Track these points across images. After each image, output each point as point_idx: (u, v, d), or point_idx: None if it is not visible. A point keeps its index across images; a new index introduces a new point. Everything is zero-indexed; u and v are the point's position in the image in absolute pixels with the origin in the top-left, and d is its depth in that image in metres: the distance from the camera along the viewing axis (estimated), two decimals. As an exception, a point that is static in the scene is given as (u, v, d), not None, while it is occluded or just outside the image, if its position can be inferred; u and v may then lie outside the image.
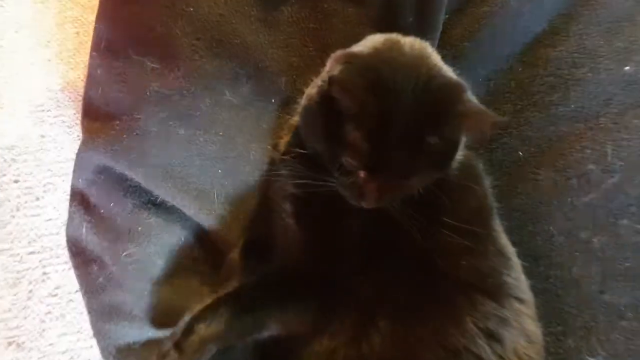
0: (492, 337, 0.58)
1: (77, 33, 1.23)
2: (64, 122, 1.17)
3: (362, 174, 0.54)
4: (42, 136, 1.15)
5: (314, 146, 0.58)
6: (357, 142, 0.52)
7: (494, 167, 0.72)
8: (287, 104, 0.74)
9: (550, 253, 0.68)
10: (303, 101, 0.61)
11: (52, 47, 1.22)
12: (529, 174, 0.71)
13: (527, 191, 0.70)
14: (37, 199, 1.12)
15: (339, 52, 0.56)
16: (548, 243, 0.68)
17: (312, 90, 0.60)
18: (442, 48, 0.74)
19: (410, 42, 0.59)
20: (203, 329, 0.59)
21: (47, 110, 1.18)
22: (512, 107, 0.72)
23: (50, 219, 1.10)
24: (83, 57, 1.19)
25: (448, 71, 0.59)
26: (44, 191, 1.12)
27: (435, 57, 0.59)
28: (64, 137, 1.17)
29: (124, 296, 0.73)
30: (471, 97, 0.54)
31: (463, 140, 0.59)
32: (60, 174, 1.14)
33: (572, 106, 0.68)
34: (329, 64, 0.57)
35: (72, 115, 1.17)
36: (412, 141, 0.52)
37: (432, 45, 0.73)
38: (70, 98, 1.19)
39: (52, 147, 1.15)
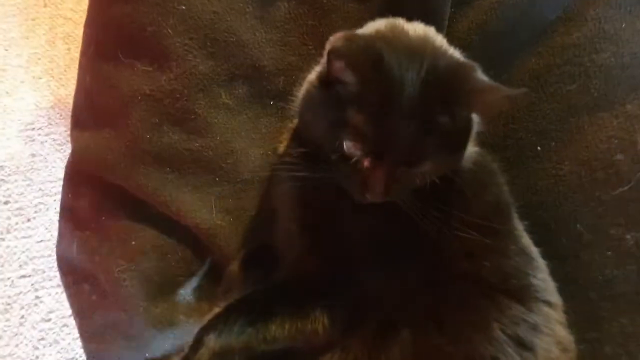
0: (523, 345, 0.53)
1: (69, 49, 1.20)
2: (54, 140, 1.13)
3: (366, 161, 0.49)
4: (33, 155, 1.12)
5: (314, 138, 0.53)
6: (359, 125, 0.47)
7: (511, 165, 0.67)
8: (286, 107, 0.70)
9: (578, 253, 0.63)
10: (302, 89, 0.57)
11: (42, 64, 1.19)
12: (549, 169, 0.66)
13: (549, 188, 0.65)
14: (28, 220, 1.07)
15: (338, 34, 0.51)
16: (575, 242, 0.63)
17: (311, 76, 0.56)
18: (449, 43, 0.70)
19: (414, 26, 0.55)
20: (213, 341, 0.55)
21: (38, 129, 1.14)
22: (527, 101, 0.68)
23: (42, 240, 1.06)
24: (74, 73, 1.15)
25: (455, 53, 0.54)
26: (35, 212, 1.08)
27: (441, 40, 0.55)
28: (55, 156, 1.13)
29: (118, 315, 0.68)
30: (482, 75, 0.50)
31: (476, 124, 0.54)
32: (51, 193, 1.10)
33: (595, 94, 0.63)
34: (328, 45, 0.52)
35: (63, 133, 1.14)
36: (421, 122, 0.47)
37: None
38: (61, 115, 1.15)
39: (42, 166, 1.11)
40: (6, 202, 1.08)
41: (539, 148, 0.66)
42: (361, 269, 0.55)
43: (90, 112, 0.72)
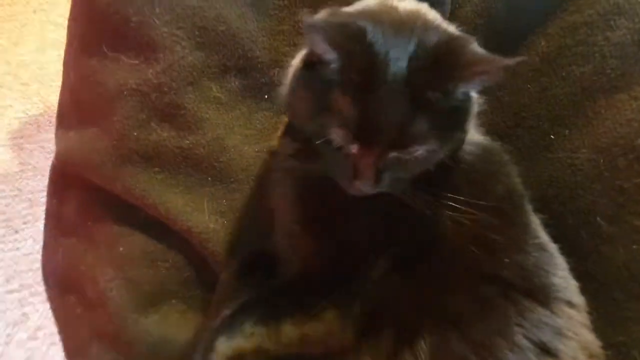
0: (547, 351, 0.48)
1: (59, 55, 1.16)
2: (43, 148, 1.09)
3: (354, 147, 0.44)
4: (21, 164, 1.08)
5: (301, 127, 0.48)
6: (344, 109, 0.43)
7: (523, 155, 0.63)
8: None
9: (599, 248, 0.58)
10: (287, 75, 0.52)
11: (31, 70, 1.16)
12: (564, 159, 0.61)
13: (565, 179, 0.61)
14: (16, 232, 1.03)
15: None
16: (596, 236, 0.58)
17: (295, 60, 0.52)
18: None
19: (405, 2, 0.50)
20: (224, 345, 0.50)
21: (27, 137, 1.11)
22: (538, 86, 0.63)
23: (29, 253, 1.01)
24: (65, 80, 1.14)
25: (450, 27, 0.50)
26: (24, 223, 1.03)
27: (435, 15, 0.51)
28: (45, 164, 1.09)
29: (104, 327, 0.63)
30: (477, 48, 0.45)
31: (476, 104, 0.50)
32: (40, 203, 1.04)
33: (611, 75, 0.59)
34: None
35: (52, 141, 1.10)
36: (410, 101, 0.42)
37: None
38: (50, 122, 1.12)
39: (31, 176, 1.07)
40: None
41: (552, 136, 0.62)
42: (372, 269, 0.50)
43: (75, 110, 0.68)
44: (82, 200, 0.68)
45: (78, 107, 0.67)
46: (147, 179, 0.63)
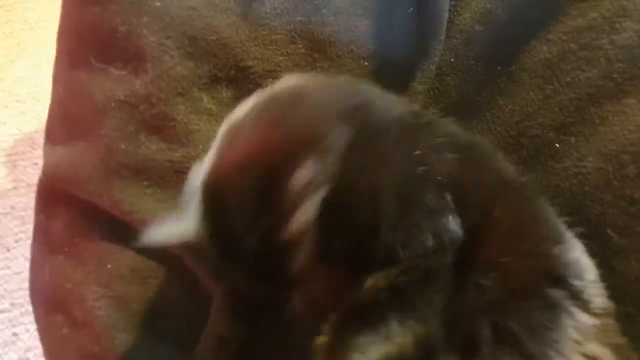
0: None
1: None
2: (37, 165, 1.08)
3: None
4: (15, 181, 1.07)
5: None
6: None
7: (526, 165, 0.60)
8: None
9: (610, 261, 0.55)
10: None
11: (27, 87, 1.16)
12: (570, 168, 0.58)
13: (571, 188, 0.58)
14: (8, 250, 1.01)
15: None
16: (606, 249, 0.55)
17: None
18: (452, 37, 0.65)
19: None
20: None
21: (21, 153, 1.10)
22: (541, 93, 0.61)
23: (20, 272, 1.00)
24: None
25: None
26: (15, 241, 1.02)
27: None
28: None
29: (91, 348, 0.60)
30: None
31: None
32: (32, 221, 1.04)
33: (618, 80, 0.56)
34: None
35: None
36: None
37: (438, 35, 0.65)
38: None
39: (24, 193, 1.06)
40: None
41: (557, 145, 0.59)
42: None
43: (63, 124, 0.66)
44: (70, 216, 0.65)
45: (66, 121, 0.66)
46: (135, 193, 0.61)
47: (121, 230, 0.62)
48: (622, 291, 0.54)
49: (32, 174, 1.07)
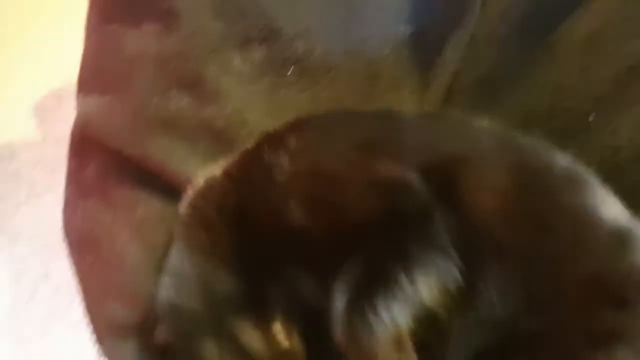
0: None
1: (78, 28, 1.21)
2: (65, 120, 1.12)
3: None
4: (44, 134, 1.12)
5: None
6: None
7: (558, 137, 0.58)
8: (304, 76, 0.66)
9: None
10: None
11: (50, 44, 1.19)
12: (604, 140, 0.60)
13: (604, 160, 0.58)
14: (39, 196, 1.08)
15: None
16: None
17: None
18: (487, 7, 0.65)
19: None
20: None
21: (50, 109, 1.15)
22: (579, 65, 0.61)
23: (51, 216, 1.05)
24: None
25: None
26: (46, 188, 1.09)
27: None
28: (66, 134, 1.12)
29: (121, 288, 0.65)
30: None
31: None
32: (62, 171, 1.08)
33: None
34: None
35: (74, 113, 1.15)
36: None
37: (473, 5, 0.65)
38: (71, 95, 1.14)
39: (53, 144, 1.11)
40: (17, 179, 1.08)
41: (590, 118, 0.61)
42: None
43: (95, 76, 0.70)
44: (102, 163, 0.69)
45: (98, 72, 0.69)
46: (166, 146, 0.65)
47: (151, 180, 0.66)
48: None
49: (61, 128, 1.11)
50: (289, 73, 0.66)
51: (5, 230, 1.07)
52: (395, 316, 0.43)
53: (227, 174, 0.55)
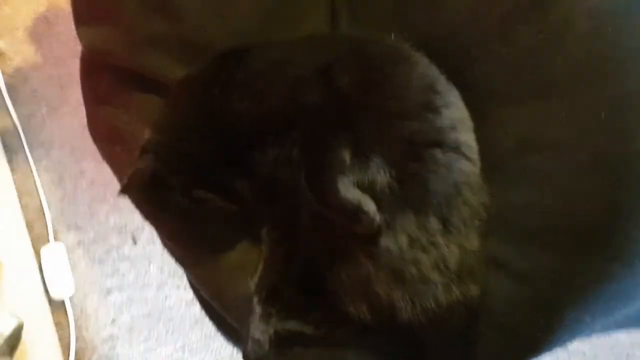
0: None
1: None
2: (58, 39, 1.24)
3: None
4: (44, 55, 1.24)
5: None
6: None
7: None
8: None
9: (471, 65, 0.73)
10: None
11: None
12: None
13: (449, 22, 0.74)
14: (56, 109, 1.23)
15: None
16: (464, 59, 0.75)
17: None
18: None
19: None
20: None
21: (42, 32, 1.24)
22: None
23: (69, 125, 1.23)
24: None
25: None
26: (61, 103, 1.24)
27: None
28: (63, 52, 1.24)
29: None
30: None
31: None
32: (69, 85, 1.24)
33: None
34: None
35: (64, 32, 1.24)
36: None
37: None
38: (57, 17, 1.25)
39: (55, 63, 1.24)
40: (34, 99, 1.24)
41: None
42: None
43: (90, 11, 0.84)
44: (112, 78, 0.85)
45: (92, 8, 0.83)
46: (157, 57, 0.80)
47: (151, 85, 0.82)
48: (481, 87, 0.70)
49: (57, 47, 1.23)
50: None
51: (40, 141, 1.23)
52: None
53: (196, 76, 0.74)
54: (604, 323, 0.67)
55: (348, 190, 0.60)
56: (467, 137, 0.68)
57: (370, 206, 0.60)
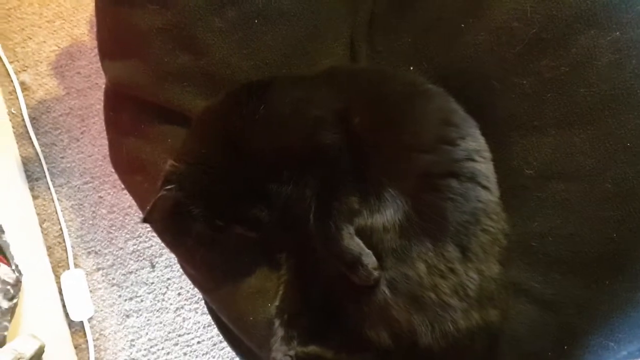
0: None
1: None
2: (80, 73, 1.26)
3: None
4: (66, 88, 1.25)
5: None
6: None
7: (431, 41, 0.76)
8: (265, 24, 0.78)
9: (493, 101, 0.73)
10: None
11: (52, 8, 1.27)
12: (470, 40, 0.74)
13: (470, 55, 0.74)
14: (77, 140, 1.24)
15: None
16: (489, 93, 0.73)
17: None
18: None
19: None
20: None
21: (64, 66, 1.26)
22: None
23: (91, 155, 1.24)
24: (83, 14, 1.26)
25: None
26: (81, 133, 1.25)
27: None
28: (84, 86, 1.25)
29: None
30: None
31: None
32: (89, 117, 1.25)
33: None
34: None
35: (86, 66, 1.26)
36: None
37: None
38: (80, 51, 1.27)
39: (77, 96, 1.25)
40: (56, 129, 1.24)
41: (462, 25, 0.73)
42: None
43: (116, 46, 0.84)
44: (134, 110, 0.86)
45: (119, 43, 0.84)
46: (179, 91, 0.80)
47: (174, 117, 0.83)
48: (506, 123, 0.70)
49: (79, 81, 1.24)
50: (256, 21, 0.79)
51: (61, 169, 1.23)
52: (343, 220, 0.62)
53: (218, 108, 0.75)
54: (629, 349, 0.65)
55: (351, 240, 0.60)
56: (484, 166, 0.67)
57: (370, 260, 0.60)
